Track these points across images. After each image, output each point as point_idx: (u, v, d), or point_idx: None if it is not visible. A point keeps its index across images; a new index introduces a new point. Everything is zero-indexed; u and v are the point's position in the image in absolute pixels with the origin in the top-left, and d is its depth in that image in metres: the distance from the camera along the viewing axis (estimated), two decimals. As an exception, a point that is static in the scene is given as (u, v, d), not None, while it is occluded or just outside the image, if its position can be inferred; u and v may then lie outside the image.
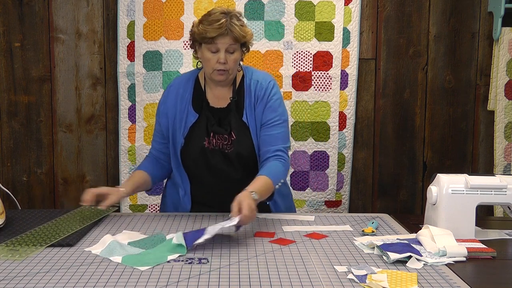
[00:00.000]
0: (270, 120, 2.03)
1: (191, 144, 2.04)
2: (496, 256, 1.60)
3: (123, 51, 2.98)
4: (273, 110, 2.04)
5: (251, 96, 2.05)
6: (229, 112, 2.05)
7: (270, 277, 1.41)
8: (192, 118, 2.05)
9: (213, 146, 2.03)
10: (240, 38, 1.95)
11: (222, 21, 1.92)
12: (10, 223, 1.87)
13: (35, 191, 3.11)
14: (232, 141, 2.03)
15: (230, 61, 1.96)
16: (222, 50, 1.95)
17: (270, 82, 2.08)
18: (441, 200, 1.76)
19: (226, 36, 1.93)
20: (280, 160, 1.99)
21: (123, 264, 1.50)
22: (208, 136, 2.03)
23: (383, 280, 1.38)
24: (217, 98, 2.07)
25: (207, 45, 1.96)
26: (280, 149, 2.01)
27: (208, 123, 2.04)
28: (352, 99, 3.04)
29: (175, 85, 2.12)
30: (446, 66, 3.10)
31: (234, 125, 2.03)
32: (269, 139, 2.02)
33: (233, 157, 2.02)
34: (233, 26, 1.93)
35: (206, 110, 2.06)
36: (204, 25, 1.95)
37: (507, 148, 3.06)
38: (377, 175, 3.15)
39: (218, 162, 2.03)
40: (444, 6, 3.06)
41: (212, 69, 1.98)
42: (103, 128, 3.08)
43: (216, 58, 1.95)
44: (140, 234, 1.78)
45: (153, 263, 1.50)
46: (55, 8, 3.01)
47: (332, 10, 2.96)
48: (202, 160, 2.04)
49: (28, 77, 3.04)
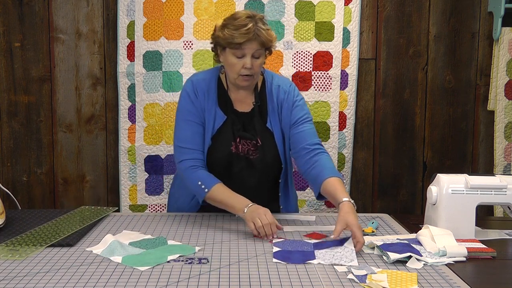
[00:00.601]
0: (300, 118, 2.02)
1: (218, 147, 1.99)
2: (496, 256, 1.60)
3: (123, 51, 2.98)
4: (300, 109, 2.04)
5: (273, 101, 2.03)
6: (252, 117, 2.02)
7: (270, 277, 1.41)
8: (220, 120, 2.00)
9: (239, 152, 2.00)
10: (267, 42, 1.92)
11: (249, 26, 1.87)
12: (10, 223, 1.87)
13: (35, 191, 3.11)
14: (257, 147, 2.00)
15: (256, 66, 1.93)
16: (248, 56, 1.90)
17: (291, 85, 2.08)
18: (441, 200, 1.76)
19: (253, 42, 1.89)
20: (325, 154, 1.98)
21: (123, 264, 1.50)
22: (235, 140, 2.00)
23: (383, 280, 1.38)
24: (239, 101, 2.04)
25: (233, 50, 1.91)
26: (317, 142, 2.00)
27: (234, 127, 2.00)
28: (352, 99, 3.04)
29: (200, 81, 2.04)
30: (446, 66, 3.09)
31: (259, 131, 2.01)
32: (303, 135, 2.00)
33: (257, 163, 2.00)
34: (260, 31, 1.89)
35: (231, 113, 2.02)
36: (230, 29, 1.89)
37: (507, 148, 3.06)
38: (377, 175, 3.15)
39: (240, 168, 2.00)
40: (444, 6, 3.06)
41: (237, 74, 1.94)
42: (103, 128, 3.08)
43: (242, 63, 1.91)
44: (141, 234, 1.78)
45: (153, 263, 1.51)
46: (55, 8, 3.01)
47: (332, 10, 2.96)
48: (226, 165, 2.00)
49: (28, 77, 3.04)
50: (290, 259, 1.53)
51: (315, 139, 2.00)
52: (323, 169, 1.91)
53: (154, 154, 3.00)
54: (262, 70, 2.05)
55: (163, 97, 2.96)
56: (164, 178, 3.02)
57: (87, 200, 3.12)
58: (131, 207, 3.04)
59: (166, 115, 2.97)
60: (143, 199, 3.04)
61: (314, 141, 1.99)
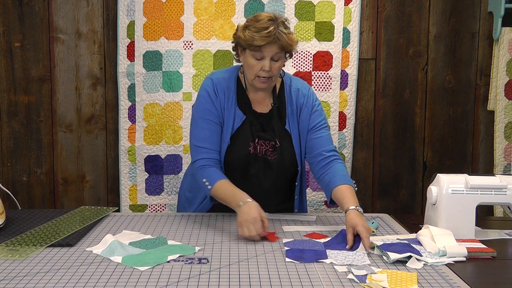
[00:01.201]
0: (318, 123, 2.03)
1: (237, 147, 1.99)
2: (496, 256, 1.60)
3: (123, 51, 2.98)
4: (319, 114, 2.04)
5: (292, 104, 2.03)
6: (271, 118, 2.02)
7: (270, 277, 1.41)
8: (239, 120, 2.00)
9: (257, 152, 2.00)
10: (287, 46, 1.91)
11: (270, 29, 1.86)
12: (10, 223, 1.87)
13: (35, 191, 3.11)
14: (276, 148, 2.00)
15: (274, 69, 1.92)
16: (267, 58, 1.90)
17: (310, 89, 2.08)
18: (441, 200, 1.76)
19: (273, 45, 1.88)
20: (339, 161, 1.99)
21: (123, 264, 1.50)
22: (253, 141, 1.99)
23: (383, 280, 1.38)
24: (257, 102, 2.04)
25: (253, 52, 1.90)
26: (333, 149, 2.01)
27: (253, 127, 2.00)
28: (352, 99, 3.04)
29: (220, 80, 2.02)
30: (446, 66, 3.09)
31: (278, 132, 2.01)
32: (320, 141, 2.01)
33: (275, 165, 2.00)
34: (281, 35, 1.87)
35: (250, 113, 2.02)
36: (251, 31, 1.88)
37: (507, 148, 3.06)
38: (377, 175, 3.15)
39: (258, 170, 2.00)
40: (444, 6, 3.06)
41: (255, 75, 1.93)
42: (103, 128, 3.08)
43: (261, 65, 1.90)
44: (141, 234, 1.78)
45: (153, 263, 1.51)
46: (55, 8, 3.01)
47: (332, 10, 2.96)
48: (244, 165, 2.00)
49: (28, 77, 3.04)
50: (303, 259, 1.54)
51: (331, 145, 2.02)
52: (335, 175, 1.92)
53: (154, 154, 3.00)
54: (281, 73, 2.05)
55: (163, 97, 2.96)
56: (164, 178, 3.02)
57: (87, 200, 3.12)
58: (131, 207, 3.04)
59: (166, 115, 2.97)
60: (143, 199, 3.04)
61: (330, 147, 2.01)
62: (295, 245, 1.65)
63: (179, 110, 2.96)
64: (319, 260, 1.53)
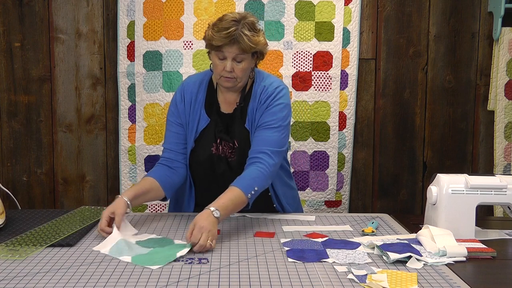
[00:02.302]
0: (266, 122, 1.95)
1: (200, 149, 2.01)
2: (496, 256, 1.60)
3: (123, 51, 2.98)
4: (272, 113, 1.95)
5: (255, 101, 1.99)
6: (234, 118, 2.01)
7: (270, 277, 1.41)
8: (203, 122, 2.01)
9: (219, 153, 2.00)
10: (248, 49, 1.88)
11: (230, 29, 1.84)
12: (10, 223, 1.87)
13: (35, 191, 3.11)
14: (235, 149, 2.00)
15: (237, 70, 1.90)
16: (228, 59, 1.89)
17: (277, 88, 1.99)
18: (441, 200, 1.76)
19: (232, 46, 1.86)
20: (259, 165, 1.86)
21: (123, 264, 1.50)
22: (216, 142, 2.00)
23: (383, 280, 1.38)
24: (227, 103, 2.03)
25: (215, 51, 1.91)
26: (265, 151, 1.89)
27: (216, 129, 2.00)
28: (352, 99, 3.04)
29: (191, 84, 2.06)
30: (446, 66, 3.09)
31: (237, 133, 2.00)
32: (257, 140, 1.93)
33: (235, 166, 1.99)
34: (241, 36, 1.85)
35: (215, 114, 2.02)
36: (214, 30, 1.88)
37: (507, 148, 3.06)
38: (377, 175, 3.15)
39: (223, 170, 2.00)
40: (444, 6, 3.06)
41: (219, 75, 1.93)
42: (103, 128, 3.08)
43: (223, 65, 1.90)
44: (147, 234, 1.77)
45: (163, 261, 1.51)
46: (55, 8, 3.01)
47: (332, 10, 2.96)
48: (209, 167, 2.01)
49: (28, 77, 3.04)
50: (304, 258, 1.54)
51: (263, 147, 1.90)
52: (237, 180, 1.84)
53: (154, 154, 3.00)
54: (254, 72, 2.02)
55: (163, 97, 2.96)
56: (164, 178, 3.02)
57: (87, 200, 3.12)
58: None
59: (166, 115, 2.96)
60: (143, 199, 3.03)
61: (263, 149, 1.89)
62: (294, 245, 1.65)
63: (179, 110, 2.96)
64: (321, 260, 1.53)
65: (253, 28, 1.90)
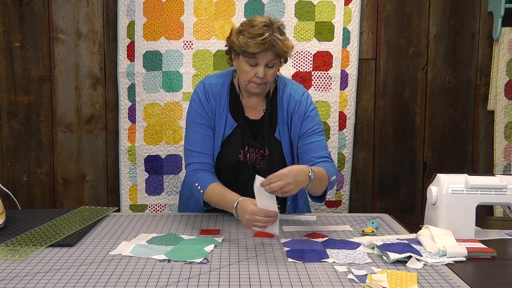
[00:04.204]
0: (310, 129, 1.97)
1: (227, 155, 1.98)
2: (496, 256, 1.60)
3: (123, 51, 2.98)
4: (311, 120, 1.98)
5: (283, 111, 1.99)
6: (262, 125, 1.99)
7: (270, 277, 1.41)
8: (230, 126, 1.98)
9: (246, 160, 1.98)
10: (283, 54, 1.87)
11: (265, 35, 1.81)
12: (10, 223, 1.87)
13: (35, 191, 3.11)
14: (265, 157, 1.98)
15: (269, 75, 1.89)
16: (261, 65, 1.86)
17: (303, 94, 2.01)
18: (441, 200, 1.76)
19: (268, 52, 1.83)
20: (331, 163, 1.93)
21: (123, 265, 1.50)
22: (243, 148, 1.98)
23: (383, 280, 1.38)
24: (250, 108, 2.01)
25: (247, 58, 1.86)
26: (325, 155, 1.94)
27: (244, 135, 1.98)
28: (352, 99, 3.04)
29: (213, 86, 2.00)
30: (446, 66, 3.09)
31: (267, 140, 1.98)
32: (311, 147, 1.95)
33: (263, 174, 1.95)
34: (276, 41, 1.82)
35: (242, 120, 1.99)
36: (245, 37, 1.83)
37: (507, 148, 3.06)
38: (377, 175, 3.15)
39: (248, 177, 1.95)
40: (444, 6, 3.06)
41: (248, 81, 1.90)
42: (103, 128, 3.08)
43: (254, 72, 1.87)
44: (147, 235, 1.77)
45: (198, 255, 1.54)
46: (55, 8, 3.01)
47: (332, 10, 2.96)
48: (233, 173, 1.98)
49: (28, 77, 3.04)
50: (304, 258, 1.54)
51: (322, 152, 1.95)
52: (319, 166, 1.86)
53: (154, 154, 3.00)
54: (277, 77, 2.02)
55: (163, 97, 2.96)
56: (164, 178, 3.02)
57: (87, 200, 3.12)
58: (131, 207, 3.04)
59: (166, 115, 2.97)
60: (143, 199, 3.04)
61: (321, 154, 1.94)
62: (294, 245, 1.65)
63: (179, 110, 2.96)
64: (321, 260, 1.53)
65: (283, 32, 1.90)
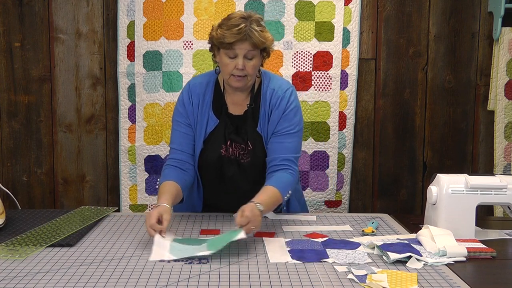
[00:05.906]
0: (284, 128, 1.97)
1: (209, 150, 2.00)
2: (496, 256, 1.60)
3: (123, 51, 2.98)
4: (288, 119, 1.98)
5: (266, 105, 2.00)
6: (246, 120, 2.01)
7: (270, 277, 1.41)
8: (212, 124, 2.00)
9: (229, 155, 2.00)
10: (259, 44, 1.89)
11: (241, 26, 1.85)
12: (10, 223, 1.87)
13: (35, 191, 3.11)
14: (248, 151, 1.99)
15: (249, 67, 1.90)
16: (240, 56, 1.89)
17: (287, 90, 2.01)
18: (441, 200, 1.76)
19: (244, 42, 1.86)
20: (288, 170, 1.92)
21: (123, 265, 1.50)
22: (225, 143, 1.99)
23: (383, 280, 1.38)
24: (235, 104, 2.03)
25: (225, 50, 1.90)
26: (289, 158, 1.94)
27: (226, 130, 1.99)
28: (352, 99, 3.04)
29: (197, 85, 2.05)
30: (446, 66, 3.09)
31: (250, 135, 1.99)
32: (278, 147, 1.95)
33: (247, 168, 1.99)
34: (252, 32, 1.86)
35: (225, 116, 2.01)
36: (222, 29, 1.88)
37: (507, 148, 3.06)
38: (377, 175, 3.15)
39: (233, 172, 1.99)
40: (444, 6, 3.06)
41: (229, 74, 1.92)
42: (103, 128, 3.08)
43: (234, 64, 1.89)
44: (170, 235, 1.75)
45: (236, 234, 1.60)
46: (55, 8, 3.01)
47: (332, 10, 2.96)
48: (217, 168, 2.00)
49: (28, 77, 3.04)
50: (304, 258, 1.54)
51: (288, 154, 1.94)
52: (271, 180, 1.88)
53: (154, 154, 3.00)
54: (260, 73, 2.03)
55: (163, 97, 2.97)
56: (164, 178, 3.02)
57: (87, 200, 3.12)
58: (131, 207, 3.04)
59: (166, 115, 2.97)
60: (143, 199, 3.04)
61: (286, 156, 1.93)
62: (294, 245, 1.65)
63: (179, 110, 2.96)
64: (321, 260, 1.53)
65: (261, 25, 1.93)
